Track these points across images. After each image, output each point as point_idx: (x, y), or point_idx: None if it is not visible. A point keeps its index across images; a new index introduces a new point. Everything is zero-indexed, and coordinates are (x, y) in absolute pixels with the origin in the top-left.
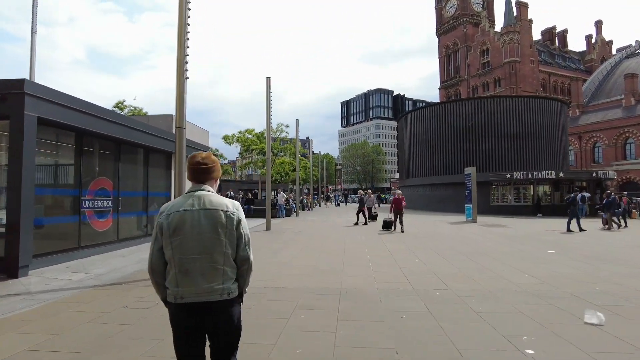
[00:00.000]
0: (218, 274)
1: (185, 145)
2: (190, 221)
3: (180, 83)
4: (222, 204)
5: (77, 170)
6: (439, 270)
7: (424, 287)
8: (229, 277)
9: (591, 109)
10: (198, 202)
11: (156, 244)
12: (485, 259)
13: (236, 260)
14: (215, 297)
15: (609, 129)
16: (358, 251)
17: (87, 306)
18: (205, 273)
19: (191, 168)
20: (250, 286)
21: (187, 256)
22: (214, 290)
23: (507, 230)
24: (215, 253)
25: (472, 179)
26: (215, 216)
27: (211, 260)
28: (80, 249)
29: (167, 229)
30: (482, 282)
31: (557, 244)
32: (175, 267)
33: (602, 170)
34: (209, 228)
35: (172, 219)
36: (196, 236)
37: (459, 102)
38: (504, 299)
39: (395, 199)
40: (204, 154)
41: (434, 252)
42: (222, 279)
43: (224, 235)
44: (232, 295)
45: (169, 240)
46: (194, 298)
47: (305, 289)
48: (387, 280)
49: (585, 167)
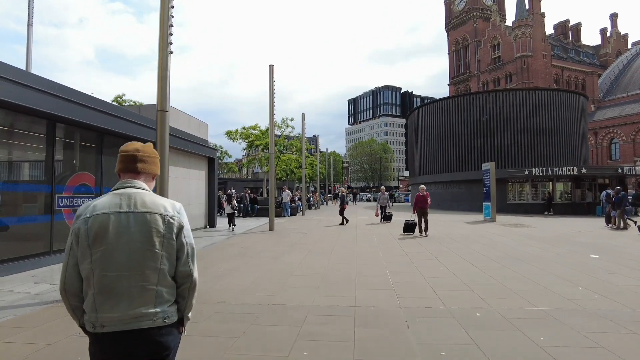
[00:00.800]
0: (150, 295)
1: (179, 138)
2: (115, 227)
3: (163, 58)
4: (158, 205)
5: (49, 164)
6: (472, 280)
7: (458, 304)
8: (165, 299)
9: (607, 104)
10: (127, 203)
11: (71, 257)
12: (522, 266)
13: (175, 278)
14: (145, 323)
15: (627, 124)
16: (372, 256)
17: (27, 334)
18: (132, 294)
19: (122, 156)
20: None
21: (110, 273)
22: (144, 316)
23: (532, 230)
24: (148, 269)
25: (490, 175)
26: (150, 221)
27: (142, 278)
28: (52, 253)
29: (86, 236)
30: (528, 297)
31: (595, 247)
32: (94, 287)
33: (629, 166)
34: (141, 236)
35: (92, 224)
36: (123, 246)
37: (472, 95)
38: (567, 323)
39: (419, 196)
40: (143, 144)
41: (459, 257)
42: (154, 302)
43: (159, 246)
44: (168, 321)
45: (88, 252)
46: (117, 326)
47: (311, 308)
48: (412, 294)
49: (601, 164)
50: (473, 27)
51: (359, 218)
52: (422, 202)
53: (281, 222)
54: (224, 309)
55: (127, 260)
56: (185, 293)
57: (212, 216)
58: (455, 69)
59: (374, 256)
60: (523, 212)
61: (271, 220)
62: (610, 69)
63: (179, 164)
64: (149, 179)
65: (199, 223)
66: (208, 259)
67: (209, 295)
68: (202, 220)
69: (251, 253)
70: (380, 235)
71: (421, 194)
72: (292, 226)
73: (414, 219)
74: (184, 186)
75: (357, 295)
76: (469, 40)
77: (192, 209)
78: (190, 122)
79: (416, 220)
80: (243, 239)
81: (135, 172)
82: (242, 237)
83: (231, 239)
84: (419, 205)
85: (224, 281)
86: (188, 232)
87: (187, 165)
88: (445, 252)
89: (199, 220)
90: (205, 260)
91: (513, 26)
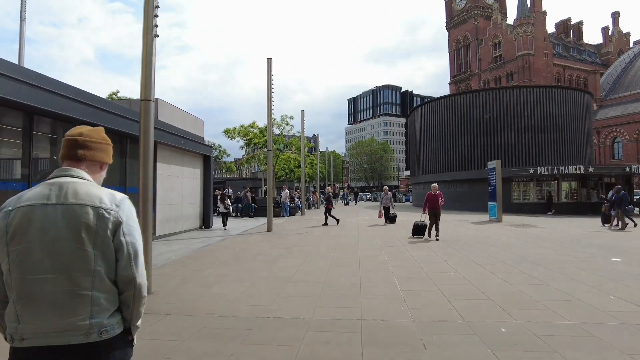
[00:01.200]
0: (83, 302)
1: (172, 134)
2: (40, 222)
3: (147, 42)
4: (93, 196)
5: (26, 161)
6: (489, 288)
7: (478, 317)
8: (103, 308)
9: (609, 102)
10: (57, 194)
11: None
12: (540, 271)
13: (117, 283)
14: (77, 338)
15: (630, 123)
16: (377, 260)
17: None
18: (60, 302)
19: (64, 140)
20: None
21: (30, 275)
22: (75, 329)
23: (542, 231)
24: (77, 271)
25: (496, 173)
26: (79, 215)
27: (70, 282)
28: None
29: (4, 232)
30: (556, 308)
31: (614, 249)
32: (14, 292)
33: (636, 165)
34: (69, 233)
35: (13, 218)
36: (47, 245)
37: (474, 93)
38: (611, 343)
39: (431, 195)
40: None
41: (470, 260)
42: (89, 311)
43: (90, 245)
44: (108, 334)
45: (5, 250)
46: (40, 340)
47: (311, 322)
48: (424, 305)
49: (604, 163)
50: (474, 26)
51: (360, 218)
52: (433, 202)
53: (280, 222)
54: (211, 324)
55: (51, 261)
56: (129, 301)
57: (207, 216)
58: (455, 68)
59: (379, 260)
60: (528, 211)
61: (269, 220)
62: (612, 68)
63: (172, 162)
64: (95, 168)
65: (194, 224)
66: (199, 262)
67: (196, 306)
68: (196, 220)
69: (246, 256)
70: (384, 237)
71: (433, 192)
72: (290, 227)
73: (424, 220)
74: (177, 185)
75: (363, 306)
76: (469, 38)
77: (186, 209)
78: (185, 119)
79: (426, 221)
80: (239, 241)
81: (75, 159)
82: (238, 238)
83: (226, 241)
84: (431, 206)
85: (214, 289)
86: (130, 230)
87: (181, 163)
88: (455, 255)
89: (193, 221)
90: (196, 265)
91: (514, 24)
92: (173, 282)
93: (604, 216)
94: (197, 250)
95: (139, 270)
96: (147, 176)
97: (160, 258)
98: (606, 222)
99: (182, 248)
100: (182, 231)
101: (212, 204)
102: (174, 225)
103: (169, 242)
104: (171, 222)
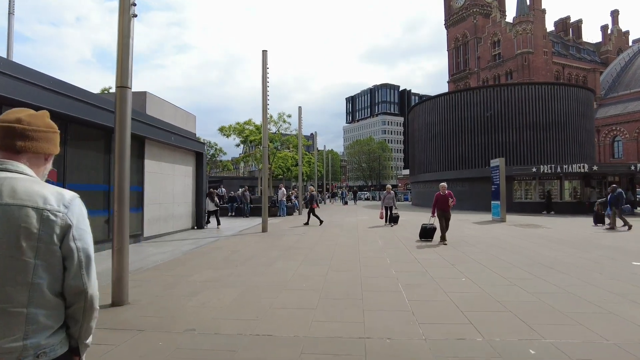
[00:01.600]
0: (16, 321)
1: (161, 129)
2: None
3: (124, 22)
4: (35, 195)
5: None
6: (505, 297)
7: (500, 334)
8: (43, 326)
9: (609, 101)
10: None
11: None
12: (558, 277)
13: (64, 294)
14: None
15: (631, 121)
16: (379, 264)
17: None
18: None
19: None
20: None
21: None
22: (5, 351)
23: (548, 231)
24: (11, 284)
25: (500, 172)
26: (17, 218)
27: (3, 297)
28: None
29: None
30: (587, 323)
31: (630, 252)
32: None
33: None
34: (4, 239)
35: None
36: None
37: (475, 90)
38: None
39: (440, 195)
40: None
41: (480, 264)
42: (24, 331)
43: (31, 253)
44: (46, 356)
45: None
46: None
47: (307, 341)
48: (435, 318)
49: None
50: (473, 24)
51: (359, 218)
52: (443, 203)
53: (276, 222)
54: (189, 344)
55: None
56: (78, 315)
57: (200, 216)
58: (454, 66)
59: (381, 264)
60: (530, 211)
61: (264, 220)
62: (611, 66)
63: (163, 159)
64: (39, 161)
65: (186, 224)
66: (186, 266)
67: (175, 319)
68: (188, 220)
69: (238, 259)
70: (386, 238)
71: (442, 193)
72: (287, 227)
73: (432, 222)
74: (168, 183)
75: (366, 319)
76: (468, 37)
77: (177, 208)
78: (176, 113)
79: (436, 224)
80: (232, 242)
81: (13, 151)
82: (231, 239)
83: (218, 242)
84: (440, 207)
85: (200, 297)
86: (81, 234)
87: (172, 160)
88: (462, 258)
89: (185, 221)
90: (183, 269)
91: (514, 22)
92: (155, 289)
93: (596, 215)
94: (187, 253)
95: (91, 280)
96: (123, 172)
97: (146, 261)
98: (599, 222)
99: (171, 250)
100: (173, 232)
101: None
102: (164, 226)
103: (157, 244)
104: (161, 222)
